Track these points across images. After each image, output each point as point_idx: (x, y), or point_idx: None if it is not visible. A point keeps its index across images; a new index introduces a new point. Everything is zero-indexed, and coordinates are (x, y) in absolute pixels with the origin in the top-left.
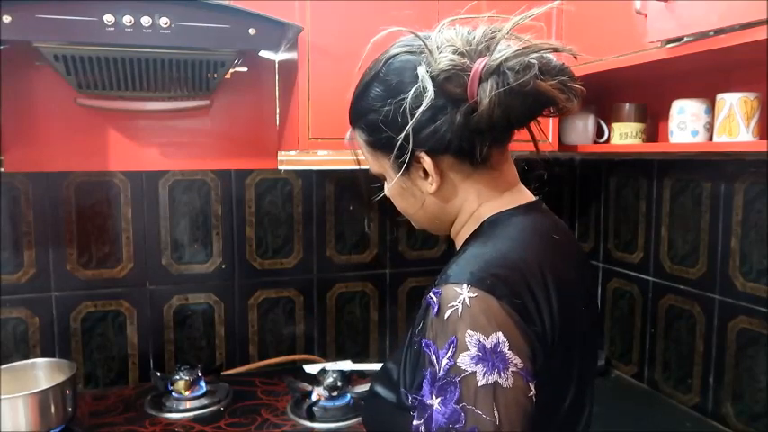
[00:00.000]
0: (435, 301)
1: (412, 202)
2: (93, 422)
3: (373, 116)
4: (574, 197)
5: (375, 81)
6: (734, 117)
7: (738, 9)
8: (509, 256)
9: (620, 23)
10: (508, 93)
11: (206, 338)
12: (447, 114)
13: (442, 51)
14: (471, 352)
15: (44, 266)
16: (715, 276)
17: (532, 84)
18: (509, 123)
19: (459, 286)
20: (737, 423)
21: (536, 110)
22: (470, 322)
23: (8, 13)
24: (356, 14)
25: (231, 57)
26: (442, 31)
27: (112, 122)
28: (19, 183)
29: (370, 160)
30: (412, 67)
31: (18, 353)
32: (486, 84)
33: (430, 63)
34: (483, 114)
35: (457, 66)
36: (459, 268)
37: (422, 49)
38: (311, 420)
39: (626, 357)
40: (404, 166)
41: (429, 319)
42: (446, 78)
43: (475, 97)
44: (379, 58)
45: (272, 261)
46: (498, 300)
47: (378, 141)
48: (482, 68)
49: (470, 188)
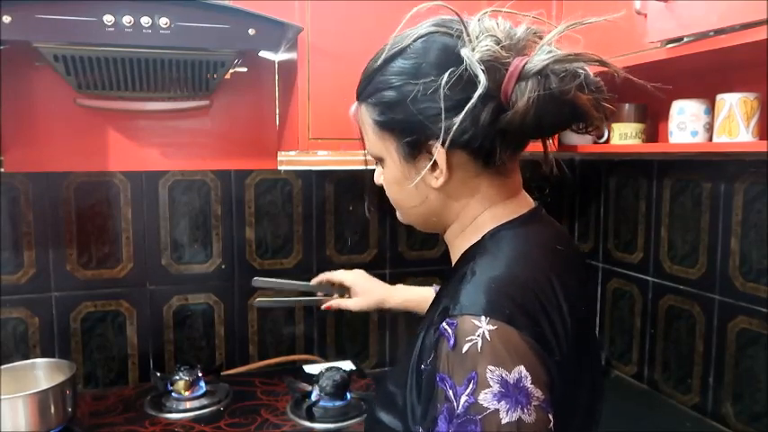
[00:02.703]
0: (451, 334)
1: (410, 194)
2: (93, 422)
3: (391, 94)
4: (574, 197)
5: (399, 56)
6: (734, 117)
7: (738, 9)
8: (522, 278)
9: (620, 23)
10: (547, 98)
11: (206, 339)
12: (474, 107)
13: (481, 39)
14: (494, 389)
15: (44, 266)
16: (715, 276)
17: (573, 93)
18: (538, 130)
19: (476, 318)
20: (737, 423)
21: (568, 122)
22: (491, 357)
23: (8, 13)
24: (356, 14)
25: (231, 57)
26: (483, 21)
27: (112, 122)
28: (19, 183)
29: (373, 140)
30: (447, 49)
31: (18, 353)
32: (524, 84)
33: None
34: (516, 116)
35: (496, 58)
36: (474, 296)
37: (459, 33)
38: (311, 421)
39: (626, 357)
40: (413, 153)
41: (443, 351)
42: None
43: (509, 95)
44: (406, 33)
45: (271, 261)
46: (519, 330)
47: (389, 122)
48: (522, 66)
49: (476, 190)
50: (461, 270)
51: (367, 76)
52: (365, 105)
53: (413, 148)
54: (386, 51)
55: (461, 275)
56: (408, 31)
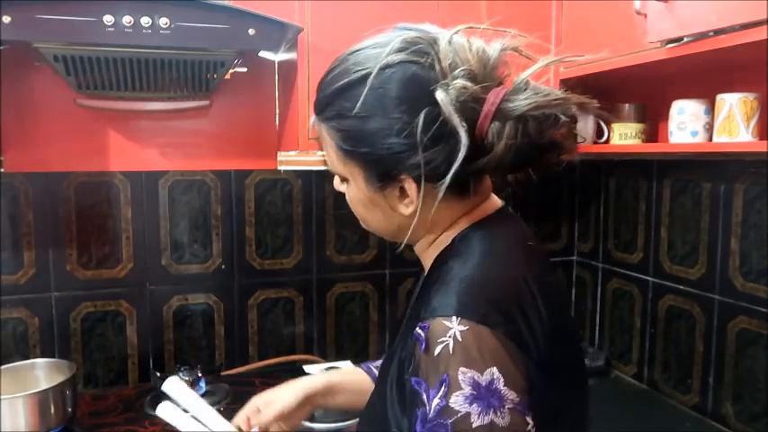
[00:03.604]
0: (423, 337)
1: (376, 215)
2: (93, 422)
3: (356, 124)
4: (574, 197)
5: (363, 84)
6: (734, 117)
7: (738, 9)
8: (495, 276)
9: (620, 23)
10: (525, 143)
11: (206, 339)
12: (447, 145)
13: (455, 75)
14: (465, 391)
15: (44, 267)
16: (715, 277)
17: (548, 133)
18: (514, 169)
19: (448, 319)
20: (737, 423)
21: (542, 157)
22: (463, 359)
23: (8, 13)
24: (356, 14)
25: (231, 57)
26: (454, 43)
27: (112, 123)
28: (19, 183)
29: (336, 162)
30: (417, 82)
31: (18, 353)
32: (500, 125)
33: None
34: (493, 160)
35: (470, 95)
36: (445, 297)
37: (430, 62)
38: (311, 420)
39: (626, 357)
40: (380, 183)
41: (418, 355)
42: (457, 109)
43: (484, 134)
44: (370, 52)
45: (271, 261)
46: (492, 329)
47: (354, 152)
48: (498, 105)
49: (447, 211)
50: (434, 275)
51: (327, 94)
52: (326, 127)
53: (381, 179)
54: (349, 72)
55: (434, 279)
56: (372, 49)
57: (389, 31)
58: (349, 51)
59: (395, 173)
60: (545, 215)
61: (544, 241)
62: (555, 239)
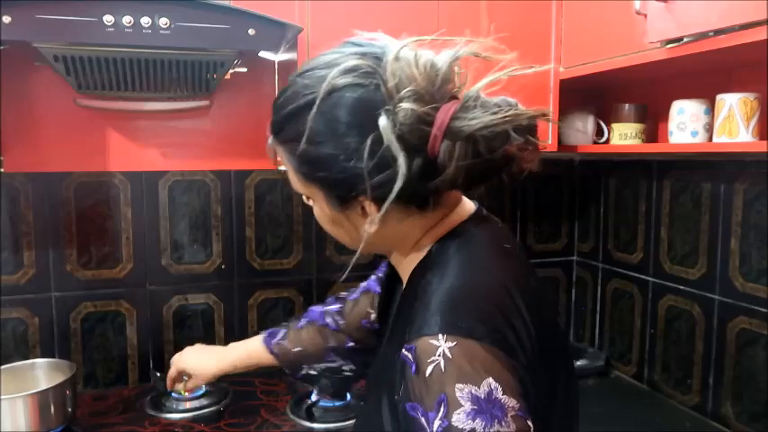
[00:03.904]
0: (411, 359)
1: (342, 233)
2: (93, 422)
3: (309, 149)
4: (574, 197)
5: (312, 109)
6: (734, 117)
7: (738, 9)
8: (475, 287)
9: (620, 23)
10: (477, 162)
11: (206, 339)
12: (401, 165)
13: (402, 98)
14: (466, 407)
15: (44, 267)
16: (715, 277)
17: (502, 150)
18: (469, 186)
19: (434, 338)
20: (737, 423)
21: (499, 172)
22: (457, 375)
23: (8, 13)
24: (356, 14)
25: (231, 57)
26: (400, 59)
27: (112, 123)
28: (19, 183)
29: (297, 183)
30: (363, 106)
31: (18, 353)
32: (451, 145)
33: (388, 106)
34: (446, 180)
35: (419, 117)
36: (427, 316)
37: (375, 84)
38: (311, 421)
39: (625, 358)
40: (342, 204)
41: (408, 378)
42: (406, 131)
43: (436, 153)
44: (316, 76)
45: (271, 261)
46: (479, 342)
47: (312, 176)
48: (448, 123)
49: (414, 223)
50: (413, 289)
51: (280, 117)
52: (282, 149)
53: (340, 201)
54: (298, 96)
55: (414, 294)
56: (319, 70)
57: (339, 47)
58: (298, 72)
59: (353, 194)
60: (545, 215)
61: (544, 241)
62: (555, 239)
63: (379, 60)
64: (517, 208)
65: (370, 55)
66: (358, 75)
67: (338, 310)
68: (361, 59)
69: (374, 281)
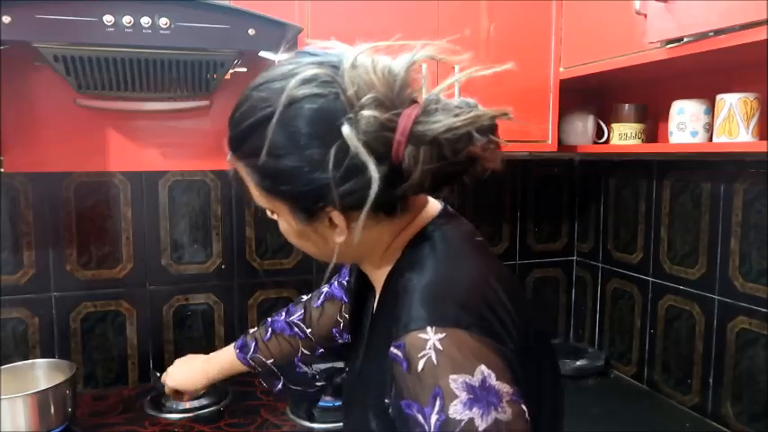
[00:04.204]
0: (402, 356)
1: (311, 246)
2: (93, 422)
3: (270, 163)
4: (573, 197)
5: (271, 121)
6: (733, 117)
7: (738, 9)
8: (456, 278)
9: (620, 23)
10: (441, 165)
11: (206, 339)
12: (363, 176)
13: (363, 105)
14: (462, 398)
15: (44, 267)
16: (714, 277)
17: (465, 151)
18: (436, 189)
19: (422, 331)
20: (737, 423)
21: (464, 173)
22: (450, 366)
23: (8, 13)
24: (356, 14)
25: (231, 57)
26: (357, 65)
27: (112, 123)
28: (19, 183)
29: (260, 198)
30: (324, 116)
31: (18, 353)
32: (416, 150)
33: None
34: (412, 185)
35: (381, 124)
36: (413, 310)
37: (335, 93)
38: (311, 420)
39: (625, 358)
40: (308, 217)
41: (400, 376)
42: (369, 139)
43: (400, 159)
44: (273, 89)
45: (271, 261)
46: (467, 330)
47: (275, 190)
48: (410, 129)
49: (383, 229)
50: (390, 290)
51: (238, 133)
52: (242, 165)
53: (307, 213)
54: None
55: (392, 296)
56: (275, 82)
57: (294, 58)
58: (252, 86)
59: (319, 206)
60: (545, 215)
61: (544, 241)
62: (555, 239)
63: (337, 69)
64: (517, 208)
65: (326, 64)
66: (316, 84)
67: (301, 318)
68: (318, 68)
69: (337, 287)
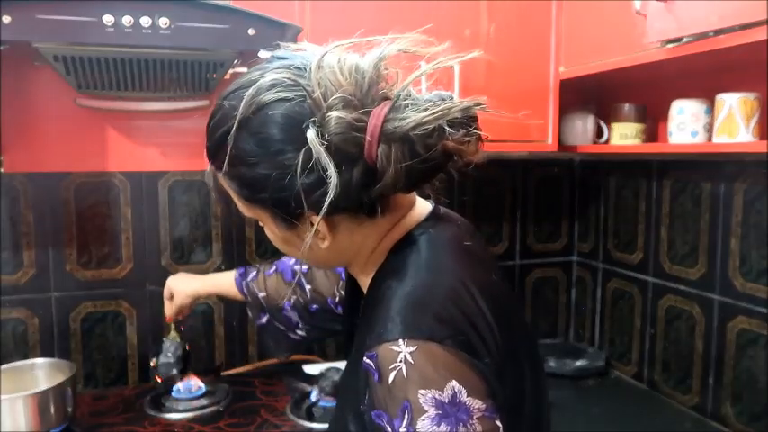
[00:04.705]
0: (374, 367)
1: (297, 251)
2: (93, 422)
3: (246, 171)
4: (573, 197)
5: (244, 130)
6: (733, 117)
7: (738, 9)
8: (434, 288)
9: (620, 23)
10: (415, 163)
11: (206, 338)
12: (340, 176)
13: (330, 106)
14: (430, 413)
15: (44, 267)
16: (714, 277)
17: (440, 146)
18: (414, 186)
19: (394, 343)
20: (737, 423)
21: (442, 168)
22: (420, 380)
23: (8, 13)
24: (356, 14)
25: (231, 57)
26: (323, 66)
27: (112, 123)
28: (19, 183)
29: (242, 207)
30: (292, 120)
31: (18, 353)
32: (388, 148)
33: (315, 117)
34: (387, 185)
35: (350, 124)
36: (387, 321)
37: (302, 95)
38: (311, 421)
39: (625, 358)
40: (290, 223)
41: (372, 387)
42: (339, 141)
43: (374, 159)
44: (242, 96)
45: (271, 261)
46: (441, 344)
47: (255, 198)
48: (381, 127)
49: (368, 233)
50: (374, 295)
51: (213, 143)
52: (222, 175)
53: (288, 220)
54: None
55: (374, 301)
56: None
57: (264, 63)
58: (224, 95)
59: (299, 211)
60: (545, 215)
61: (544, 241)
62: (555, 239)
63: (303, 71)
64: (517, 208)
65: (293, 67)
66: (282, 88)
67: (305, 272)
68: (284, 72)
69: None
